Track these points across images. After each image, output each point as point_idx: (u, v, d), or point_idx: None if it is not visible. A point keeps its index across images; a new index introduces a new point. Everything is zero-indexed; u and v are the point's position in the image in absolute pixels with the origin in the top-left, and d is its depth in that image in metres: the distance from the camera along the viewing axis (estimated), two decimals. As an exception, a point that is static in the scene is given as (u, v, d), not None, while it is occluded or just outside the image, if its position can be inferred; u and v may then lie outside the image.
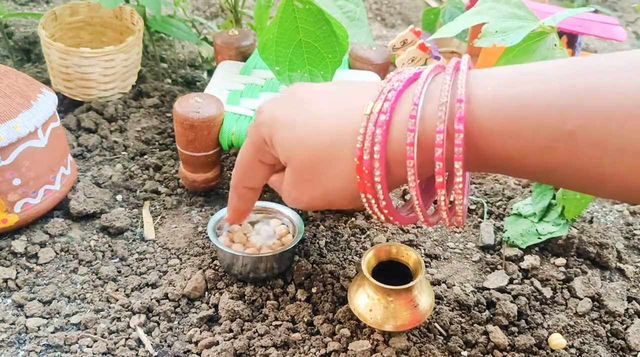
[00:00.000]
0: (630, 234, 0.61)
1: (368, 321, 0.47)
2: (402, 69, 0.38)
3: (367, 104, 0.36)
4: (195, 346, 0.47)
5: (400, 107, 0.35)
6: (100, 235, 0.58)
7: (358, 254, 0.57)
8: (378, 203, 0.37)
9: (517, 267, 0.56)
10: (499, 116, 0.32)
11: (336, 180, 0.38)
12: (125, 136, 0.71)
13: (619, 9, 1.21)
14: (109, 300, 0.51)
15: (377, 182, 0.36)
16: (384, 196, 0.37)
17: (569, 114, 0.30)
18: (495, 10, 0.49)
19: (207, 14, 1.08)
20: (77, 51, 0.70)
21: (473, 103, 0.33)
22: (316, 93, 0.41)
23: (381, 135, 0.34)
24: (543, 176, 0.34)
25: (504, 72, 0.34)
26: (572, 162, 0.31)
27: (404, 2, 1.17)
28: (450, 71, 0.34)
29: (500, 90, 0.33)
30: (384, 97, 0.35)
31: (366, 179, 0.36)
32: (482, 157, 0.34)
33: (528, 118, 0.31)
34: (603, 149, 0.30)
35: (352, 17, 0.61)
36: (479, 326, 0.50)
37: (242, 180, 0.46)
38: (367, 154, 0.35)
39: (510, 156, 0.33)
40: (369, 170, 0.35)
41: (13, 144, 0.53)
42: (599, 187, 0.32)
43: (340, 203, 0.40)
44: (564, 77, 0.31)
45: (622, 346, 0.49)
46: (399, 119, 0.35)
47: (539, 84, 0.32)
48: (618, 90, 0.29)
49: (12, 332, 0.48)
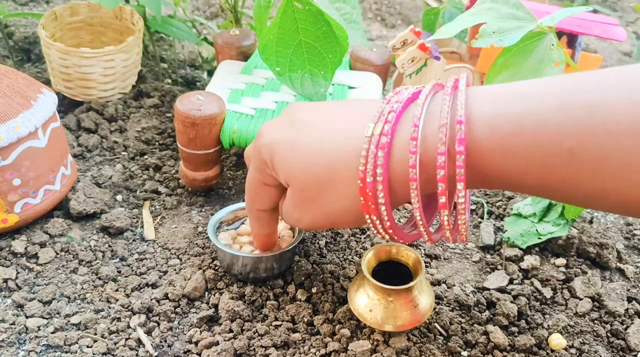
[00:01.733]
0: (630, 234, 0.61)
1: (368, 321, 0.47)
2: (400, 89, 0.38)
3: (367, 126, 0.36)
4: (195, 346, 0.47)
5: (400, 129, 0.35)
6: (100, 235, 0.58)
7: (358, 254, 0.57)
8: (382, 224, 0.38)
9: (517, 267, 0.56)
10: (498, 135, 0.32)
11: (338, 201, 0.38)
12: (125, 136, 0.71)
13: (619, 9, 1.21)
14: (109, 300, 0.51)
15: (380, 204, 0.36)
16: (388, 216, 0.37)
17: (567, 131, 0.31)
18: (494, 10, 0.50)
19: (207, 14, 1.08)
20: (77, 51, 0.70)
21: (473, 123, 0.33)
22: (315, 114, 0.41)
23: (383, 157, 0.35)
24: (543, 192, 0.34)
25: (502, 89, 0.34)
26: (571, 179, 0.31)
27: (404, 2, 1.17)
28: (449, 91, 0.34)
29: (499, 109, 0.33)
30: (384, 119, 0.35)
31: (370, 200, 0.36)
32: (483, 176, 0.34)
33: (526, 136, 0.32)
34: (602, 165, 0.30)
35: (349, 19, 0.61)
36: (479, 326, 0.50)
37: (253, 203, 0.46)
38: (370, 177, 0.35)
39: (509, 174, 0.33)
40: (372, 193, 0.36)
41: (13, 144, 0.53)
42: (599, 202, 0.32)
43: (343, 223, 0.40)
44: (561, 93, 0.32)
45: (622, 346, 0.49)
46: (400, 141, 0.35)
47: (536, 102, 0.32)
48: (615, 106, 0.30)
49: (12, 332, 0.48)
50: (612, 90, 0.30)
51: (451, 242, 0.39)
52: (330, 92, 0.64)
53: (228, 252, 0.50)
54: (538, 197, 0.39)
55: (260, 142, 0.42)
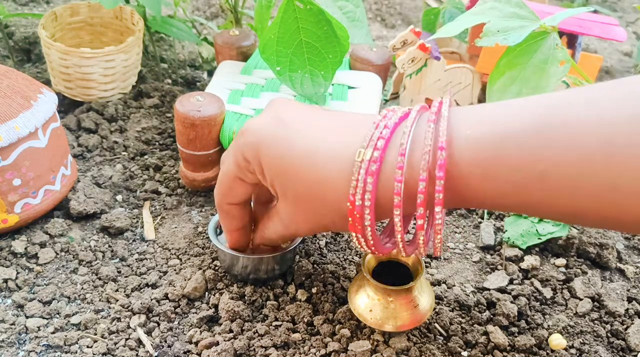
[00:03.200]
0: (630, 235, 0.61)
1: (368, 321, 0.47)
2: (387, 113, 0.39)
3: (358, 151, 0.37)
4: (196, 346, 0.47)
5: (388, 156, 0.37)
6: (101, 235, 0.58)
7: (358, 254, 0.57)
8: (367, 242, 0.40)
9: (517, 267, 0.56)
10: (478, 159, 0.34)
11: (330, 215, 0.40)
12: (126, 136, 0.71)
13: (619, 9, 1.21)
14: (109, 300, 0.51)
15: (366, 226, 0.38)
16: (373, 237, 0.39)
17: (540, 154, 0.31)
18: (497, 9, 0.50)
19: (207, 14, 1.08)
20: (77, 51, 0.70)
21: (454, 147, 0.34)
22: (303, 117, 0.42)
23: (372, 184, 0.36)
24: (523, 211, 0.35)
25: (482, 111, 0.35)
26: (546, 201, 0.32)
27: (404, 2, 1.17)
28: (433, 117, 0.36)
29: (479, 132, 0.34)
30: (374, 146, 0.37)
31: (357, 222, 0.38)
32: (462, 198, 0.36)
33: (503, 160, 0.33)
34: (573, 187, 0.31)
35: (352, 18, 0.61)
36: (479, 326, 0.50)
37: (225, 197, 0.46)
38: (359, 200, 0.37)
39: (488, 196, 0.34)
40: (360, 215, 0.38)
41: (13, 144, 0.53)
42: (580, 220, 0.34)
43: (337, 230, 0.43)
44: (535, 116, 0.32)
45: (622, 347, 0.49)
46: (387, 168, 0.37)
47: (513, 124, 0.33)
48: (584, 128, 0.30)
49: (12, 333, 0.48)
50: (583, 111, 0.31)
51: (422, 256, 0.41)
52: (330, 92, 0.64)
53: (228, 253, 0.50)
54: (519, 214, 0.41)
55: (245, 141, 0.42)
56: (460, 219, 0.63)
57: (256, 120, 0.43)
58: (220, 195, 0.46)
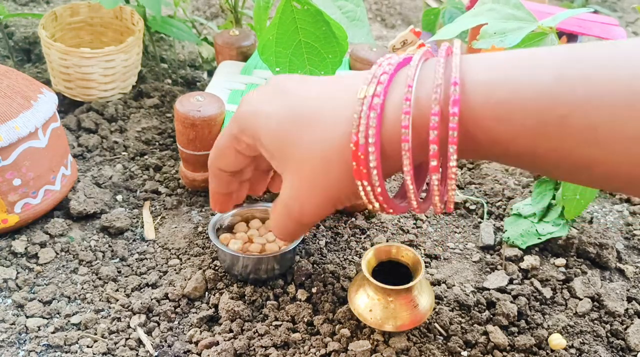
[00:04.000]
0: (630, 235, 0.61)
1: (368, 321, 0.47)
2: (391, 55, 0.37)
3: (360, 89, 0.35)
4: (196, 346, 0.47)
5: (393, 90, 0.35)
6: (101, 235, 0.58)
7: (358, 254, 0.57)
8: (373, 190, 0.37)
9: (517, 267, 0.56)
10: (491, 101, 0.32)
11: (333, 172, 0.37)
12: (126, 136, 0.71)
13: (619, 9, 1.21)
14: (109, 300, 0.51)
15: (372, 168, 0.35)
16: (379, 181, 0.36)
17: (561, 99, 0.30)
18: (495, 11, 0.50)
19: (207, 14, 1.08)
20: (77, 51, 0.70)
21: (467, 86, 0.33)
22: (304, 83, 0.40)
23: (376, 118, 0.34)
24: (532, 162, 0.34)
25: (496, 57, 0.34)
26: (561, 147, 0.31)
27: (404, 2, 1.17)
28: (443, 55, 0.34)
29: (493, 75, 0.33)
30: (377, 81, 0.35)
31: (362, 165, 0.35)
32: (474, 142, 0.34)
33: (519, 103, 0.31)
34: (593, 134, 0.30)
35: (352, 17, 0.61)
36: (479, 326, 0.50)
37: (217, 161, 0.45)
38: (363, 139, 0.35)
39: (500, 140, 0.33)
40: (364, 156, 0.35)
41: (13, 144, 0.53)
42: (586, 173, 0.32)
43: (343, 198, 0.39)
44: (557, 63, 0.31)
45: (622, 346, 0.49)
46: (392, 102, 0.35)
47: (531, 71, 0.32)
48: (611, 78, 0.30)
49: (12, 333, 0.48)
50: (610, 62, 0.30)
51: (438, 212, 0.38)
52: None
53: (229, 253, 0.50)
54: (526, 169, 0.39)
55: (242, 110, 0.40)
56: (460, 219, 0.63)
57: (255, 92, 0.41)
58: (213, 158, 0.45)
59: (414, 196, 0.37)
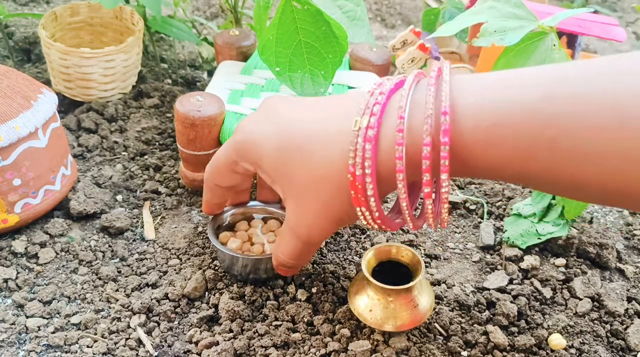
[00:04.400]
0: (630, 235, 0.61)
1: (368, 321, 0.47)
2: (382, 81, 0.38)
3: (353, 121, 0.36)
4: (196, 346, 0.47)
5: (386, 121, 0.36)
6: (101, 235, 0.58)
7: (358, 254, 0.57)
8: (372, 215, 0.38)
9: (517, 267, 0.56)
10: (482, 126, 0.33)
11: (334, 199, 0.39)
12: (126, 136, 0.71)
13: (619, 9, 1.21)
14: (109, 300, 0.51)
15: (369, 196, 0.37)
16: (377, 208, 0.38)
17: (549, 121, 0.31)
18: (495, 9, 0.50)
19: (207, 14, 1.08)
20: (77, 51, 0.70)
21: (457, 113, 0.33)
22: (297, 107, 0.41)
23: (371, 150, 0.35)
24: (525, 181, 0.35)
25: (486, 80, 0.34)
26: (552, 168, 0.32)
27: (404, 2, 1.17)
28: (433, 81, 0.35)
29: (483, 99, 0.33)
30: (370, 112, 0.36)
31: (359, 193, 0.37)
32: (466, 166, 0.34)
33: (509, 127, 0.32)
34: (583, 155, 0.30)
35: (353, 17, 0.61)
36: (479, 326, 0.50)
37: (213, 178, 0.47)
38: (359, 170, 0.36)
39: (492, 165, 0.33)
40: (361, 185, 0.36)
41: (13, 144, 0.53)
42: (581, 192, 0.33)
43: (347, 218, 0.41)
44: (545, 84, 0.32)
45: (622, 346, 0.49)
46: (386, 133, 0.36)
47: (520, 91, 0.32)
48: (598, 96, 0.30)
49: (12, 333, 0.48)
50: (596, 82, 0.30)
51: (432, 229, 0.40)
52: (330, 92, 0.64)
53: (228, 253, 0.50)
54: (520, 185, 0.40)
55: (236, 140, 0.42)
56: (460, 219, 0.63)
57: (248, 119, 0.42)
58: (209, 175, 0.47)
59: (409, 218, 0.39)
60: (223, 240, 0.53)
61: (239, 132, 0.42)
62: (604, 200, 0.33)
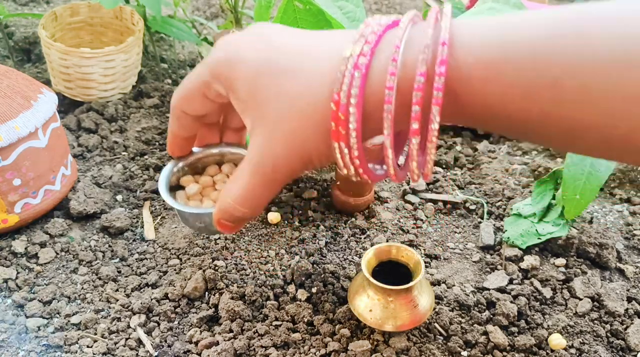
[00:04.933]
0: (630, 235, 0.61)
1: (368, 321, 0.47)
2: (381, 16, 0.36)
3: (346, 47, 0.34)
4: (196, 346, 0.47)
5: (380, 51, 0.34)
6: (101, 235, 0.58)
7: (358, 255, 0.57)
8: (350, 153, 0.35)
9: (517, 267, 0.56)
10: (481, 61, 0.31)
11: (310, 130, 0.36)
12: (126, 136, 0.71)
13: (619, 9, 1.21)
14: (109, 300, 0.51)
15: (351, 129, 0.34)
16: (358, 145, 0.35)
17: (554, 59, 0.30)
18: (494, 10, 0.50)
19: (207, 15, 1.08)
20: (77, 51, 0.70)
21: (456, 46, 0.32)
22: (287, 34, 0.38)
23: (360, 78, 0.33)
24: (521, 127, 0.33)
25: (489, 19, 0.33)
26: (552, 112, 0.30)
27: (404, 2, 1.18)
28: (433, 16, 0.33)
29: (485, 35, 0.32)
30: (364, 40, 0.34)
31: (341, 125, 0.34)
32: (460, 105, 0.33)
33: (512, 63, 0.31)
34: (587, 95, 0.29)
35: (352, 18, 0.61)
36: (479, 326, 0.50)
37: (181, 103, 0.42)
38: (345, 98, 0.33)
39: (489, 103, 0.32)
40: (344, 116, 0.34)
41: (13, 144, 0.53)
42: (581, 140, 0.31)
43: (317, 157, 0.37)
44: (551, 22, 0.31)
45: (622, 346, 0.49)
46: (378, 63, 0.33)
47: (525, 30, 0.31)
48: (606, 36, 0.29)
49: (12, 333, 0.48)
50: (605, 21, 0.29)
51: (414, 179, 0.37)
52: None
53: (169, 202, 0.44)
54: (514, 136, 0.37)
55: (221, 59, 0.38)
56: (460, 219, 0.63)
57: (230, 38, 0.39)
58: (177, 100, 0.42)
59: (391, 162, 0.36)
60: (185, 183, 0.46)
61: (217, 50, 0.38)
62: (604, 150, 0.32)
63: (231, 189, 0.39)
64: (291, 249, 0.57)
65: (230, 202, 0.39)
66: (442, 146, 0.74)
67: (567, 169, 0.53)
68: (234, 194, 0.39)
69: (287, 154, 0.37)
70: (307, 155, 0.37)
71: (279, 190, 0.40)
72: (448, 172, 0.69)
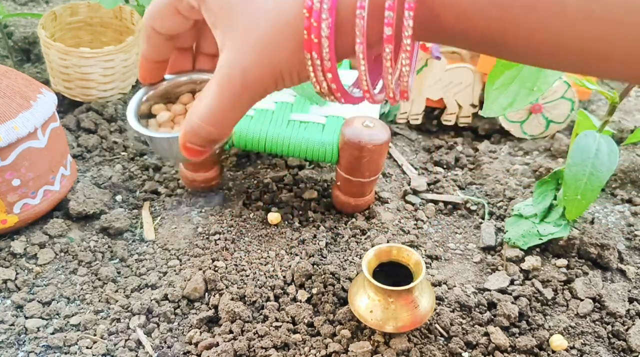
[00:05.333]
0: (631, 235, 0.61)
1: (369, 322, 0.46)
2: None
3: None
4: (195, 347, 0.47)
5: None
6: (100, 236, 0.58)
7: (359, 255, 0.56)
8: (322, 65, 0.34)
9: (518, 268, 0.56)
10: None
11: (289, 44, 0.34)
12: (125, 137, 0.71)
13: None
14: (109, 301, 0.51)
15: (324, 37, 0.33)
16: (330, 54, 0.34)
17: None
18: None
19: (207, 14, 1.08)
20: (76, 51, 0.70)
21: None
22: None
23: None
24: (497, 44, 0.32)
25: None
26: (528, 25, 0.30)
27: (404, 2, 1.17)
28: None
29: None
30: None
31: (314, 33, 0.33)
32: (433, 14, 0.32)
33: None
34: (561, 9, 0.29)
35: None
36: (480, 327, 0.50)
37: (152, 21, 0.40)
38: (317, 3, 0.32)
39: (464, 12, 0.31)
40: (317, 23, 0.33)
41: (12, 145, 0.52)
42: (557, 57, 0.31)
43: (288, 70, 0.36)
44: None
45: (623, 347, 0.49)
46: None
47: None
48: None
49: (12, 333, 0.48)
50: None
51: (391, 98, 0.36)
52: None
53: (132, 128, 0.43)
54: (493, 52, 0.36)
55: None
56: (461, 219, 0.63)
57: None
58: (149, 15, 0.40)
59: (364, 74, 0.34)
60: (156, 112, 0.44)
61: None
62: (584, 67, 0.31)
63: (197, 107, 0.38)
64: (291, 249, 0.57)
65: (195, 121, 0.38)
66: (443, 146, 0.74)
67: (568, 169, 0.53)
68: (200, 111, 0.37)
69: (256, 66, 0.35)
70: (277, 68, 0.35)
71: (248, 108, 0.39)
72: (449, 173, 0.69)
